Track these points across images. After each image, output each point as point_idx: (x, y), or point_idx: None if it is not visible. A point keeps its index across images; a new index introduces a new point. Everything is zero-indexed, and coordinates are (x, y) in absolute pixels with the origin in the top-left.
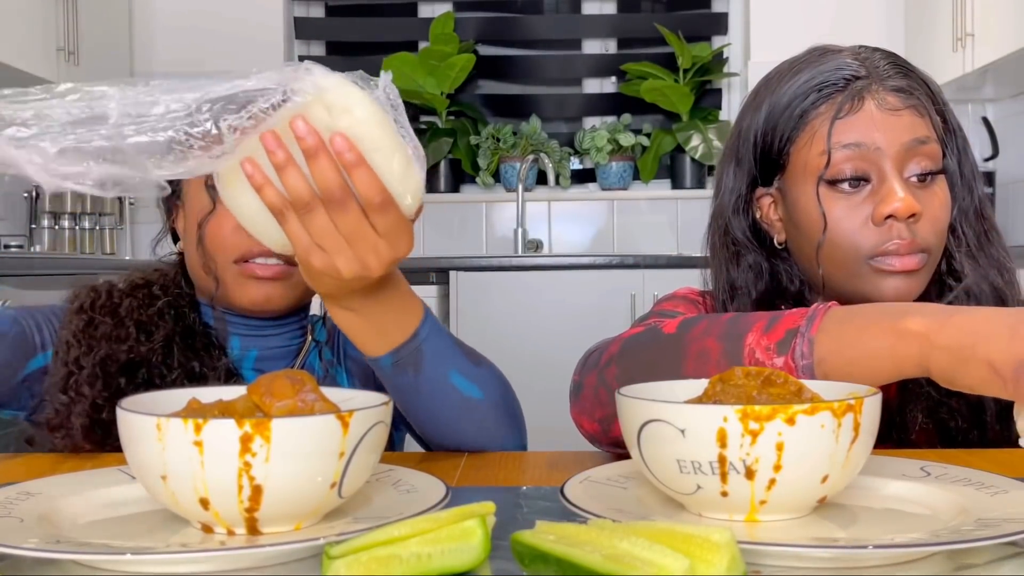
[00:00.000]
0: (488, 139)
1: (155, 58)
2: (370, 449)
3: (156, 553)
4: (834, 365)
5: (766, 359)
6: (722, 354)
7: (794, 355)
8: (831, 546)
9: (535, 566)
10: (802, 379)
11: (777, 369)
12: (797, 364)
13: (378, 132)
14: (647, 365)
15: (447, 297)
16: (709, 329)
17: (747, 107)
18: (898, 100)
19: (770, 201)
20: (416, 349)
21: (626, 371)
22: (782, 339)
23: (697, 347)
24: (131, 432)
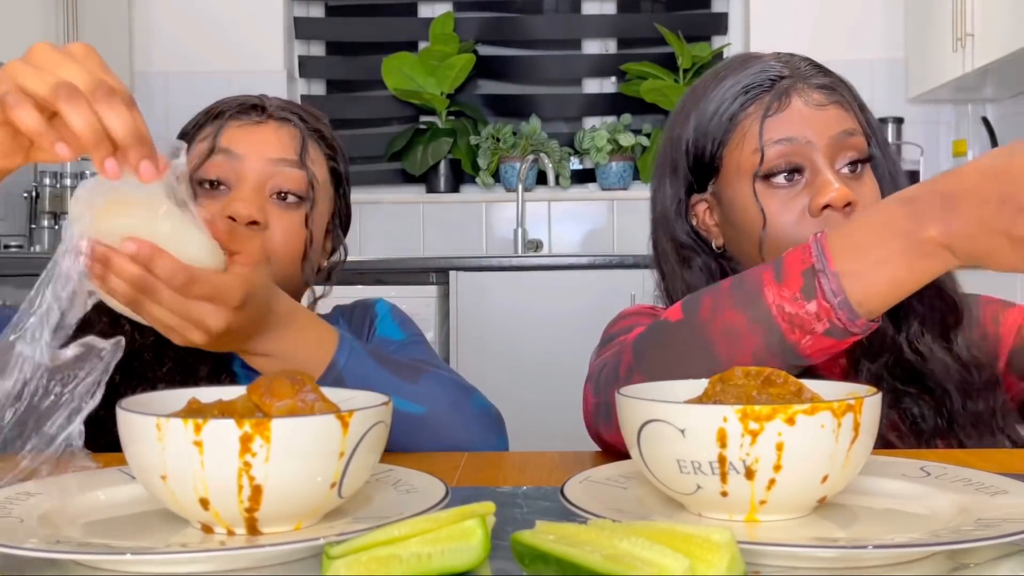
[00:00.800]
0: (488, 139)
1: (155, 58)
2: (370, 449)
3: (156, 553)
4: (871, 295)
5: (798, 309)
6: (750, 323)
7: (825, 296)
8: (831, 546)
9: (535, 566)
10: (839, 316)
11: (809, 315)
12: (832, 303)
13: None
14: (674, 363)
15: (447, 297)
16: (717, 303)
17: (676, 117)
18: (823, 96)
19: (705, 207)
20: (337, 378)
21: (652, 375)
22: (803, 284)
23: (719, 326)
24: (131, 432)
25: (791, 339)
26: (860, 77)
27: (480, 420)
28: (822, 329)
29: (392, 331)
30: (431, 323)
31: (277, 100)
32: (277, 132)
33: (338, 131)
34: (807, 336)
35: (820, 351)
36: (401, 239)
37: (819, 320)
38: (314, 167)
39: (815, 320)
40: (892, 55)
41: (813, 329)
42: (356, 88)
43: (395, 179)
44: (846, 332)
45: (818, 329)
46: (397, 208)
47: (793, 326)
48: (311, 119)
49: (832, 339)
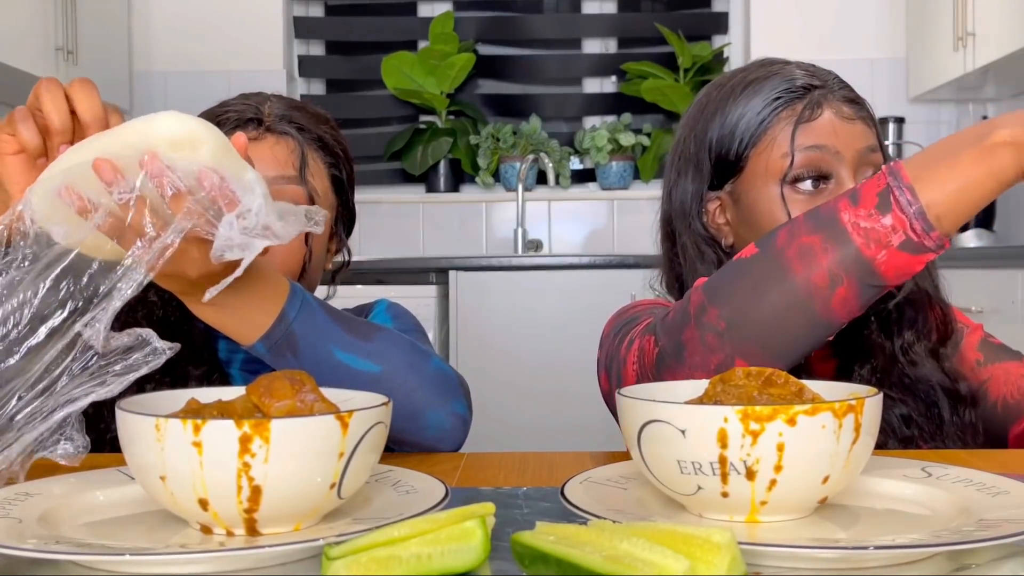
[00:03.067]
0: (488, 139)
1: (154, 58)
2: (369, 449)
3: (155, 554)
4: (943, 201)
5: (874, 223)
6: (826, 241)
7: (900, 206)
8: (832, 547)
9: (535, 567)
10: (915, 227)
11: (885, 227)
12: (908, 213)
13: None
14: (750, 290)
15: (447, 297)
16: (794, 232)
17: (699, 114)
18: (852, 110)
19: (717, 205)
20: (287, 331)
21: (729, 305)
22: (879, 202)
23: (795, 249)
24: (130, 432)
25: (867, 254)
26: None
27: (438, 382)
28: (898, 242)
29: (384, 323)
30: (431, 323)
31: (277, 107)
32: (274, 148)
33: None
34: (883, 250)
35: (895, 269)
36: (401, 239)
37: (895, 232)
38: (314, 180)
39: (891, 232)
40: (893, 55)
41: (889, 242)
42: (356, 88)
43: (395, 179)
44: (920, 246)
45: (894, 242)
46: (397, 208)
47: (869, 240)
48: (311, 125)
49: (907, 254)
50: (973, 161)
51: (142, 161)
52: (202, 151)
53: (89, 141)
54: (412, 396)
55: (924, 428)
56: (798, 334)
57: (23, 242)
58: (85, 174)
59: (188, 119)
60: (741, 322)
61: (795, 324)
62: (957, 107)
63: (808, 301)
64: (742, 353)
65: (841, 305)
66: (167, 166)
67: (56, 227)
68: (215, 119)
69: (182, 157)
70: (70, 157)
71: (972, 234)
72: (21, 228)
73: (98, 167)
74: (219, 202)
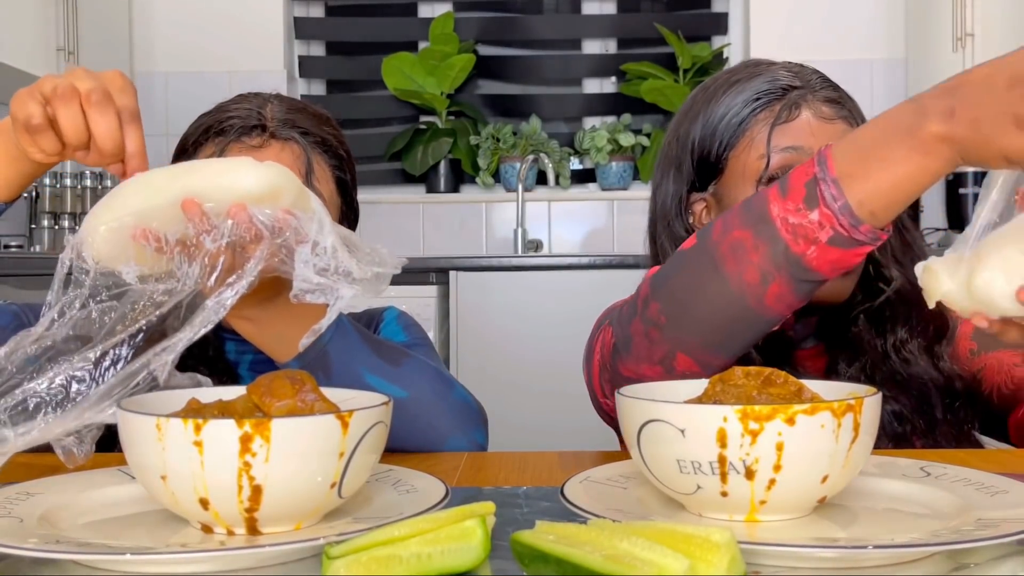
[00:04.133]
0: (488, 139)
1: (155, 58)
2: (370, 449)
3: (156, 553)
4: (874, 196)
5: (801, 219)
6: (756, 237)
7: (826, 202)
8: (831, 546)
9: (535, 566)
10: (842, 222)
11: (812, 223)
12: (833, 208)
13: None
14: (686, 286)
15: (447, 297)
16: (727, 224)
17: (683, 116)
18: (831, 110)
19: (703, 206)
20: (322, 351)
21: (668, 300)
22: (806, 194)
23: (727, 244)
24: (131, 432)
25: (796, 250)
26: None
27: (461, 411)
28: (825, 237)
29: (395, 333)
30: (431, 323)
31: (278, 110)
32: (280, 155)
33: None
34: (812, 246)
35: (829, 264)
36: (401, 239)
37: (822, 228)
38: (320, 185)
39: (818, 228)
40: (892, 55)
41: (817, 238)
42: (356, 88)
43: (395, 179)
44: (851, 240)
45: (822, 238)
46: (397, 208)
47: (797, 237)
48: (314, 128)
49: (838, 249)
50: (906, 156)
51: (230, 210)
52: (283, 201)
53: (153, 180)
54: (436, 423)
55: (917, 425)
56: (735, 329)
57: (85, 278)
58: (163, 215)
59: (267, 172)
60: (679, 317)
61: (731, 320)
62: None
63: (742, 298)
64: (682, 348)
65: (776, 301)
66: (252, 215)
67: (127, 268)
68: (218, 126)
69: (266, 206)
70: (135, 196)
71: None
72: (83, 267)
73: (188, 208)
74: (291, 239)
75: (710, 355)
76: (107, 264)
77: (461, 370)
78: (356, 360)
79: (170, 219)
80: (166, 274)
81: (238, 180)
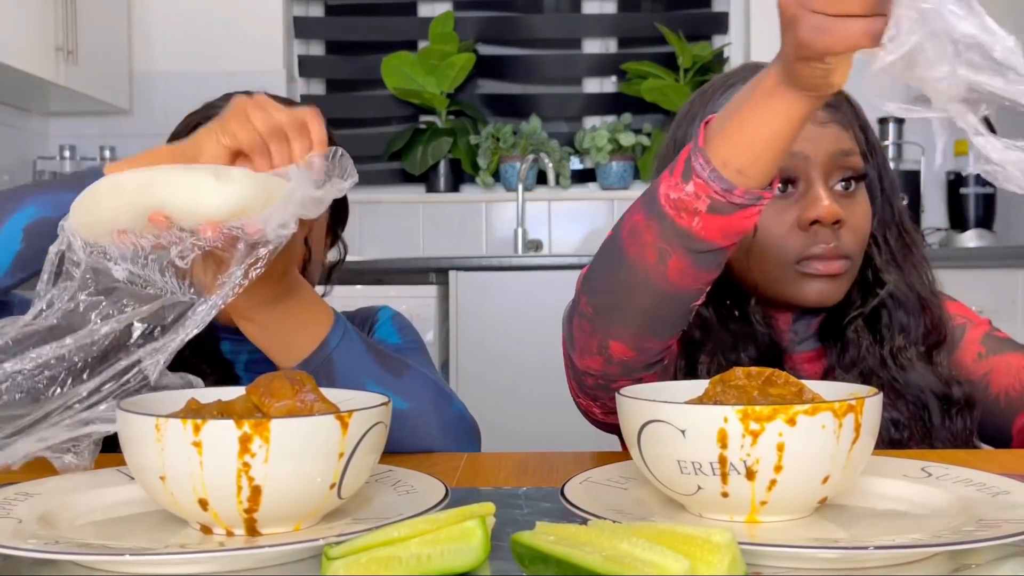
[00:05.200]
0: (488, 139)
1: (154, 58)
2: (369, 450)
3: (155, 554)
4: (738, 155)
5: (680, 192)
6: (648, 218)
7: (697, 172)
8: (832, 547)
9: (535, 567)
10: (714, 189)
11: (689, 195)
12: (703, 176)
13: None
14: (602, 276)
15: (447, 297)
16: (630, 211)
17: (681, 119)
18: (826, 114)
19: None
20: (326, 359)
21: (592, 292)
22: (683, 168)
23: (628, 229)
24: (130, 432)
25: (681, 224)
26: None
27: (457, 425)
28: (704, 207)
29: (390, 335)
30: (431, 323)
31: None
32: None
33: (338, 131)
34: (695, 217)
35: (718, 231)
36: (401, 239)
37: (698, 198)
38: None
39: (695, 199)
40: None
41: (697, 208)
42: (356, 88)
43: (395, 179)
44: (730, 205)
45: (701, 208)
46: (397, 208)
47: (679, 210)
48: None
49: (722, 215)
50: (755, 106)
51: (202, 229)
52: (251, 215)
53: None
54: (432, 435)
55: (914, 433)
56: (656, 312)
57: (75, 270)
58: (135, 225)
59: (231, 192)
60: (602, 307)
61: (646, 302)
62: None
63: (647, 279)
64: (612, 336)
65: (680, 276)
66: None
67: (116, 267)
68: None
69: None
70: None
71: (972, 234)
72: (73, 259)
73: (157, 223)
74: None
75: (641, 340)
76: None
77: (460, 370)
78: (360, 369)
79: (141, 227)
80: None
81: (202, 202)
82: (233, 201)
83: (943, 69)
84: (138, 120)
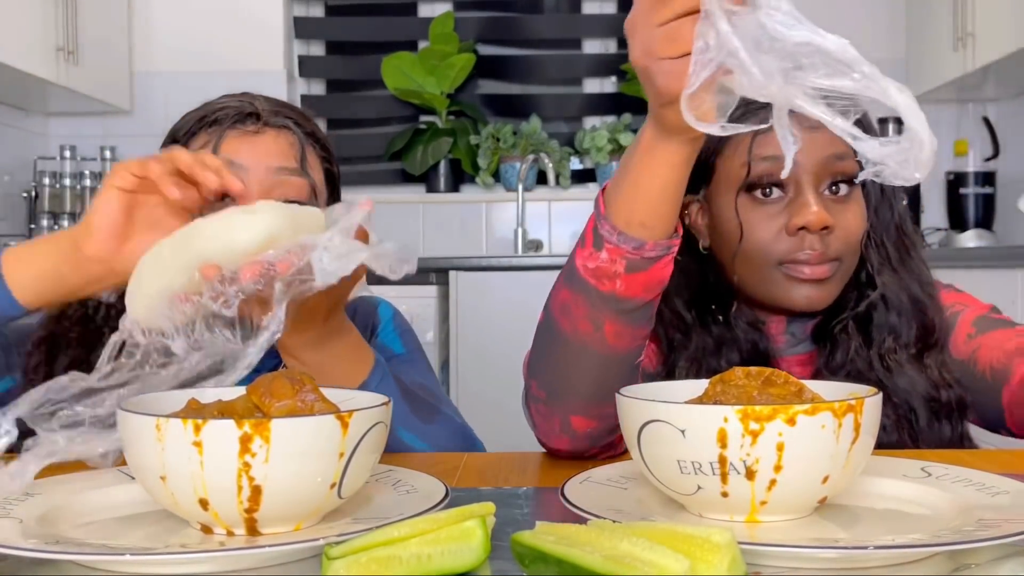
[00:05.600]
0: (488, 139)
1: (154, 58)
2: (370, 449)
3: (155, 554)
4: (636, 212)
5: (595, 261)
6: (574, 293)
7: (606, 239)
8: (832, 547)
9: (535, 567)
10: (626, 249)
11: (605, 261)
12: (613, 241)
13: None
14: (545, 357)
15: (447, 297)
16: (555, 289)
17: None
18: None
19: (697, 208)
20: None
21: (539, 376)
22: (594, 238)
23: (558, 308)
24: (130, 432)
25: (605, 290)
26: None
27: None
28: (622, 268)
29: (393, 341)
30: (431, 323)
31: (267, 103)
32: (276, 140)
33: (338, 131)
34: (616, 281)
35: (641, 287)
36: (401, 239)
37: (614, 262)
38: (313, 173)
39: (611, 264)
40: (892, 55)
41: (616, 272)
42: (356, 88)
43: (395, 179)
44: (645, 260)
45: (619, 270)
46: (397, 208)
47: (600, 278)
48: (304, 122)
49: (640, 272)
50: (641, 165)
51: (243, 271)
52: (281, 241)
53: (162, 255)
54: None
55: (902, 436)
56: (604, 378)
57: (136, 351)
58: (183, 287)
59: (259, 221)
60: (553, 386)
61: (593, 371)
62: (957, 107)
63: (588, 349)
64: (570, 411)
65: (617, 339)
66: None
67: (174, 342)
68: (211, 116)
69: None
70: (153, 279)
71: (972, 234)
72: (134, 342)
73: (209, 275)
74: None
75: (598, 407)
76: (156, 339)
77: (460, 370)
78: (394, 415)
79: (191, 285)
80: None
81: (236, 239)
82: (262, 230)
83: (773, 84)
84: (138, 120)
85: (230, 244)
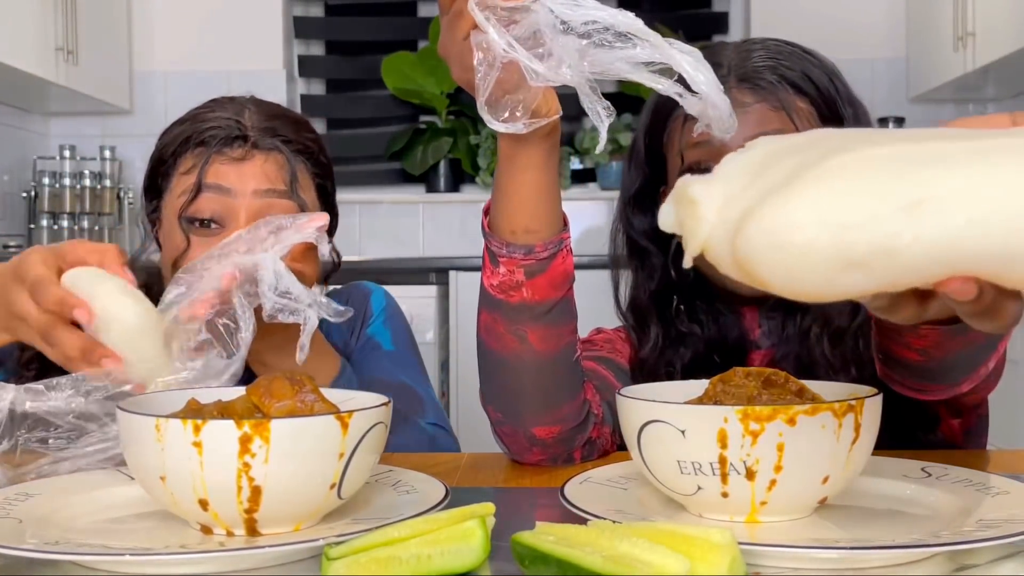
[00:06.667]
0: (488, 139)
1: (154, 58)
2: (369, 450)
3: (155, 554)
4: (517, 220)
5: (497, 278)
6: (491, 312)
7: (498, 254)
8: (832, 547)
9: (535, 567)
10: (519, 257)
11: (505, 275)
12: (504, 254)
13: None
14: (490, 381)
15: (447, 297)
16: (478, 315)
17: (644, 106)
18: (750, 95)
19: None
20: None
21: (490, 401)
22: (489, 257)
23: (483, 331)
24: (130, 433)
25: (515, 300)
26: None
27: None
28: (522, 276)
29: (382, 336)
30: (431, 323)
31: (257, 118)
32: (264, 165)
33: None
34: (521, 289)
35: (548, 286)
36: (401, 239)
37: (513, 273)
38: (304, 194)
39: (511, 275)
40: (893, 55)
41: (519, 282)
42: (356, 88)
43: (395, 179)
44: (540, 262)
45: (520, 279)
46: (397, 208)
47: (507, 292)
48: (294, 135)
49: (541, 274)
50: (507, 176)
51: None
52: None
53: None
54: None
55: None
56: (545, 384)
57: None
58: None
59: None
60: (505, 406)
61: (534, 379)
62: (957, 107)
63: (521, 361)
64: (529, 424)
65: (544, 343)
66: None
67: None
68: (198, 137)
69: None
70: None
71: None
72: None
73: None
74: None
75: (552, 411)
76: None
77: (460, 370)
78: None
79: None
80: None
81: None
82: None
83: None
84: (138, 120)
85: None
